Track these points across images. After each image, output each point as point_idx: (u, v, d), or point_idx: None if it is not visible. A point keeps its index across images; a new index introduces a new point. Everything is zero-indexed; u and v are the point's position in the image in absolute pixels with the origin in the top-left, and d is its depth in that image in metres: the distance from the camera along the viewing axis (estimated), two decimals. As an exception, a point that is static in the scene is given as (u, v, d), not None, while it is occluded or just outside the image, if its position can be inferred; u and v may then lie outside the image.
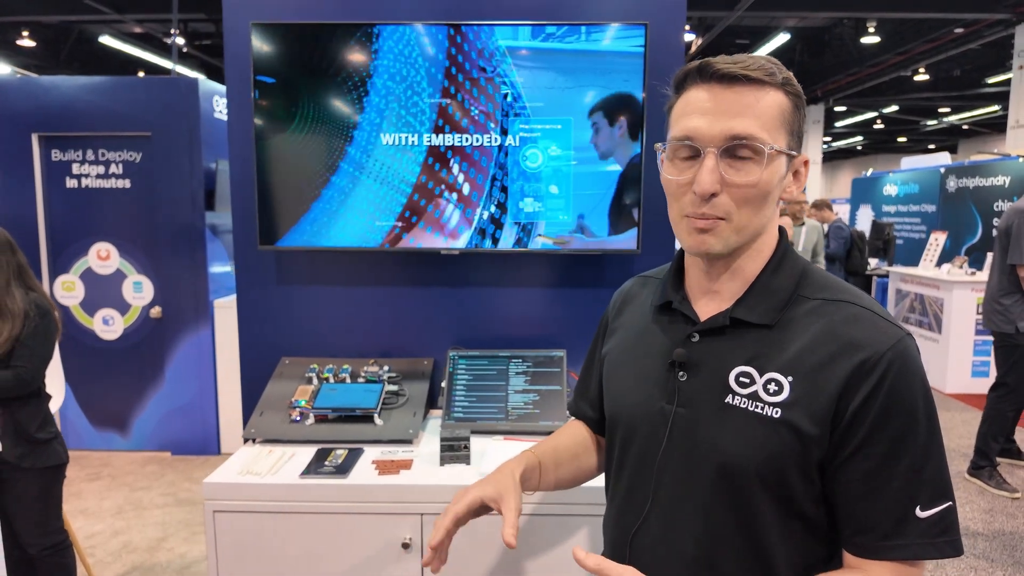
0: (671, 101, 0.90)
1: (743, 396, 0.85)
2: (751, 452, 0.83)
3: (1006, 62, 10.53)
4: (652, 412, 0.92)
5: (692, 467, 0.88)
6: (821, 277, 0.90)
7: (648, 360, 0.96)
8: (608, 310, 1.15)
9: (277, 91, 1.93)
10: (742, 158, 0.83)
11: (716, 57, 0.85)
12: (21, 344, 2.18)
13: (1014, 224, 3.69)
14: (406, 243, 1.99)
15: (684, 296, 0.96)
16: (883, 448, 0.80)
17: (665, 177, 0.89)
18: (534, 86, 1.92)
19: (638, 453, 0.95)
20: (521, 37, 1.90)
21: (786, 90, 0.85)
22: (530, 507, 1.56)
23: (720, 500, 0.86)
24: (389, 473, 1.62)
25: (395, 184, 1.96)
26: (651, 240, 2.03)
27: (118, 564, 3.08)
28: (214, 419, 4.40)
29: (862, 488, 0.81)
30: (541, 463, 1.08)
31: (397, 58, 1.91)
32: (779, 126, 0.84)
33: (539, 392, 1.93)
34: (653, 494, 0.92)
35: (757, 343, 0.87)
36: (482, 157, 1.95)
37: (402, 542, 1.56)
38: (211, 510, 1.58)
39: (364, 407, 1.83)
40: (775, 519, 0.84)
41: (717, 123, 0.82)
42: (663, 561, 0.89)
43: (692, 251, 0.89)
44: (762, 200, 0.85)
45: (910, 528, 0.80)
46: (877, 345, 0.81)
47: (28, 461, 2.23)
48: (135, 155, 4.24)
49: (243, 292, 2.11)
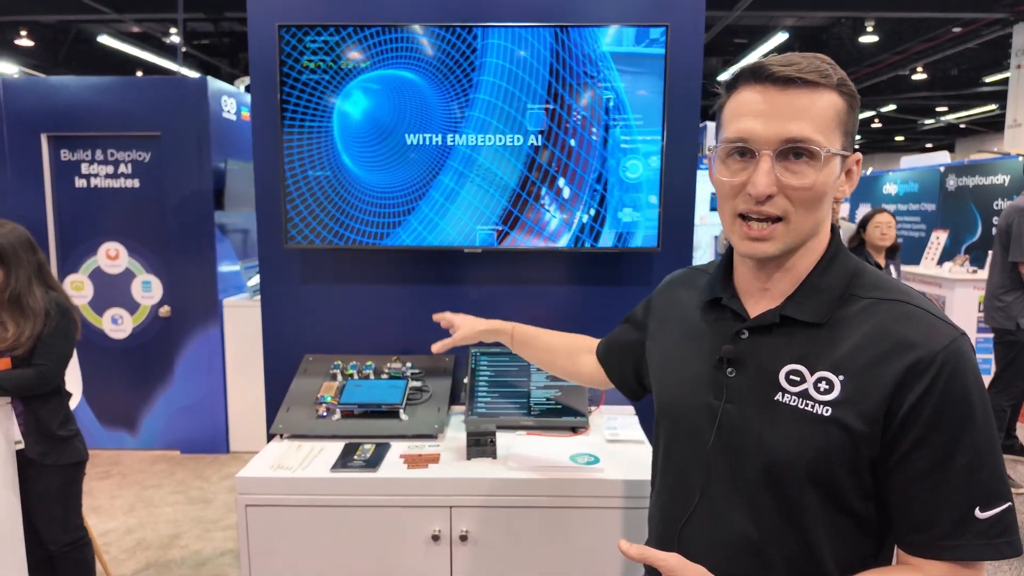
0: (720, 101, 0.91)
1: (793, 394, 0.86)
2: (801, 449, 0.84)
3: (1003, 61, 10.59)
4: (700, 407, 0.94)
5: (741, 462, 0.89)
6: (874, 276, 0.91)
7: (696, 355, 0.97)
8: (655, 292, 1.18)
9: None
10: (798, 160, 0.83)
11: (769, 58, 0.85)
12: (42, 342, 2.20)
13: (1014, 222, 3.74)
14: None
15: (733, 293, 0.97)
16: (939, 448, 0.80)
17: (718, 178, 0.89)
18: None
19: (685, 447, 0.96)
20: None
21: (841, 91, 0.85)
22: (560, 500, 1.60)
23: (768, 495, 0.87)
24: (418, 467, 1.65)
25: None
26: (669, 238, 2.06)
27: (133, 561, 3.11)
28: (223, 418, 4.41)
29: (918, 488, 0.82)
30: (514, 333, 1.48)
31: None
32: (834, 127, 0.84)
33: (561, 388, 1.95)
34: (701, 488, 0.93)
35: (807, 341, 0.87)
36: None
37: (431, 534, 1.59)
38: (243, 504, 1.60)
39: (389, 403, 1.85)
40: (823, 515, 0.85)
41: (772, 125, 0.83)
42: (711, 553, 0.91)
43: (745, 255, 0.90)
44: (817, 201, 0.85)
45: (969, 528, 0.80)
46: (931, 344, 0.81)
47: (50, 458, 2.25)
48: (144, 155, 4.25)
49: (267, 290, 2.14)
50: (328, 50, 1.93)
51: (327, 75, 1.94)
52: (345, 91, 1.94)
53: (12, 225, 2.24)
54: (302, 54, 1.92)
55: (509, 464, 1.66)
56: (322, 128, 1.96)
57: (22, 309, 2.18)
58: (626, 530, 1.61)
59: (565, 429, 1.89)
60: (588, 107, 1.94)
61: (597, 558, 1.61)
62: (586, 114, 1.94)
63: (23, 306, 2.18)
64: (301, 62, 1.93)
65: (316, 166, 1.98)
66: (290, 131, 1.96)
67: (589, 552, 1.61)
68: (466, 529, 1.59)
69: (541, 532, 1.61)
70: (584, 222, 1.99)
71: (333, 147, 1.97)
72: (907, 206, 8.56)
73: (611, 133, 1.95)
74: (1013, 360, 3.82)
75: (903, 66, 11.58)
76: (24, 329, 2.17)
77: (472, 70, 1.93)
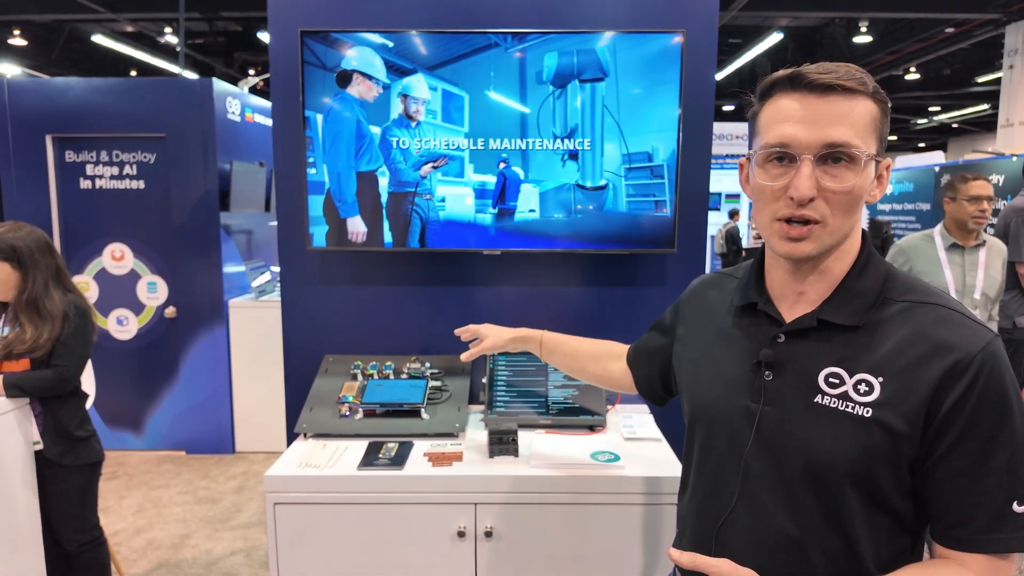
0: (754, 109, 0.94)
1: (833, 396, 0.89)
2: (842, 450, 0.87)
3: (995, 61, 10.69)
4: (736, 410, 0.96)
5: (780, 464, 0.92)
6: (905, 279, 0.93)
7: (731, 360, 1.00)
8: (684, 297, 1.20)
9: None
10: (837, 164, 0.86)
11: (805, 67, 0.88)
12: (61, 343, 2.22)
13: (1012, 222, 3.79)
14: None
15: (768, 298, 0.99)
16: (978, 446, 0.83)
17: (758, 183, 0.91)
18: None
19: (722, 449, 0.99)
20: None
21: (876, 98, 0.88)
22: (583, 497, 1.63)
23: (809, 495, 0.90)
24: (442, 465, 1.68)
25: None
26: (683, 239, 2.10)
27: (144, 561, 3.12)
28: (229, 418, 4.43)
29: (958, 484, 0.84)
30: (543, 340, 1.51)
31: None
32: (871, 133, 0.87)
33: (578, 387, 1.99)
34: (740, 489, 0.96)
35: (844, 344, 0.90)
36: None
37: (457, 530, 1.62)
38: (272, 502, 1.63)
39: (411, 402, 1.89)
40: (863, 513, 0.88)
41: (813, 131, 0.85)
42: (751, 552, 0.93)
43: (784, 255, 0.91)
44: (854, 205, 0.88)
45: (1008, 522, 0.83)
46: (969, 346, 0.84)
47: (68, 458, 2.27)
48: (149, 156, 4.26)
49: (287, 292, 2.17)
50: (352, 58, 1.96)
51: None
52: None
53: (30, 228, 2.26)
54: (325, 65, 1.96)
55: (531, 462, 1.70)
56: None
57: (39, 312, 2.20)
58: (646, 526, 1.64)
59: (583, 428, 1.93)
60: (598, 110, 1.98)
61: (619, 554, 1.65)
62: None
63: (40, 309, 2.20)
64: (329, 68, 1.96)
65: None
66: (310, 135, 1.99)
67: (611, 548, 1.65)
68: (491, 525, 1.63)
69: (564, 528, 1.64)
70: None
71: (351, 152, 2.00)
72: (902, 206, 8.64)
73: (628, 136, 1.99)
74: (1010, 358, 3.89)
75: (896, 66, 11.68)
76: (42, 331, 2.19)
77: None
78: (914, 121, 18.04)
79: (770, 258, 1.00)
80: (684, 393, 1.11)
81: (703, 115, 2.07)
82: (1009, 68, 9.02)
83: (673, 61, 1.94)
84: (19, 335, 2.17)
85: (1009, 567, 0.86)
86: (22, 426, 2.17)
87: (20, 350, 2.17)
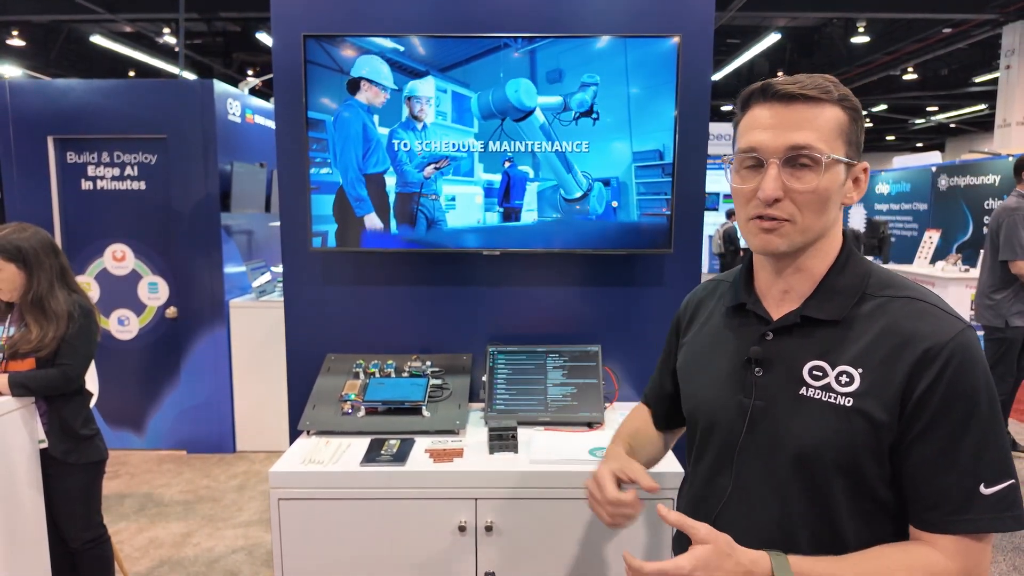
0: (736, 118, 1.00)
1: (817, 388, 0.94)
2: (827, 438, 0.92)
3: (992, 62, 10.74)
4: (730, 405, 1.02)
5: (771, 455, 0.97)
6: (885, 276, 0.99)
7: (724, 358, 1.06)
8: (681, 313, 1.25)
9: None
10: (802, 166, 0.92)
11: (776, 79, 0.95)
12: (66, 343, 2.24)
13: (1005, 222, 3.85)
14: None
15: (756, 298, 1.05)
16: (947, 431, 0.88)
17: (734, 186, 0.98)
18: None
19: (718, 443, 1.04)
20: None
21: (843, 105, 0.93)
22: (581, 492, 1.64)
23: (797, 484, 0.95)
24: (443, 461, 1.71)
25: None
26: (680, 240, 2.13)
27: (147, 559, 3.15)
28: (229, 418, 4.45)
29: (929, 468, 0.89)
30: (631, 448, 1.27)
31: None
32: (836, 137, 0.93)
33: (576, 385, 2.02)
34: (734, 480, 1.01)
35: (827, 338, 0.95)
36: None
37: (458, 525, 1.65)
38: (276, 498, 1.66)
39: (412, 400, 1.92)
40: (848, 500, 0.93)
41: (779, 136, 0.92)
42: (743, 541, 0.96)
43: (759, 250, 0.98)
44: (823, 204, 0.93)
45: (976, 504, 0.87)
46: (939, 336, 0.89)
47: (73, 457, 2.30)
48: (150, 157, 4.29)
49: (290, 291, 2.20)
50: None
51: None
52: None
53: (35, 229, 2.28)
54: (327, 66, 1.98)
55: (531, 458, 1.73)
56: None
57: (44, 312, 2.22)
58: (645, 520, 1.67)
59: (581, 425, 1.96)
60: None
61: (618, 547, 1.68)
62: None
63: (45, 309, 2.22)
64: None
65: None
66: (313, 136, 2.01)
67: (610, 541, 1.68)
68: (491, 520, 1.66)
69: (563, 523, 1.67)
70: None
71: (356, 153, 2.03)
72: (899, 205, 8.69)
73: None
74: (1003, 356, 3.94)
75: (894, 66, 11.73)
76: (47, 331, 2.21)
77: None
78: (912, 121, 18.09)
79: (757, 260, 1.06)
80: (683, 393, 1.17)
81: (699, 116, 2.10)
82: (1006, 68, 9.08)
83: (669, 64, 1.97)
84: (24, 335, 2.20)
85: (982, 549, 0.89)
86: (27, 425, 2.20)
87: (25, 350, 2.20)
